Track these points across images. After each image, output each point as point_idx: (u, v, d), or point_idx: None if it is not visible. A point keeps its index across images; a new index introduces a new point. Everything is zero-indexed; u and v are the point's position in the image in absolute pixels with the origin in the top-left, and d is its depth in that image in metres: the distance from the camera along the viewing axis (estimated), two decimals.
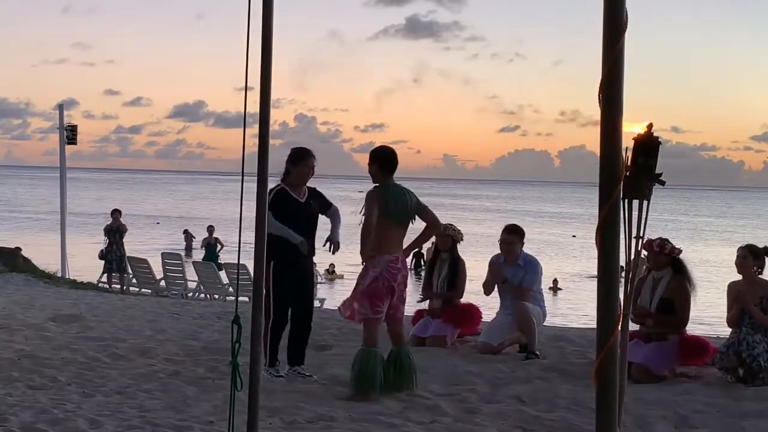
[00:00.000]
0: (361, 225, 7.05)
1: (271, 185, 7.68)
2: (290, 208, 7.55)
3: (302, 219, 7.63)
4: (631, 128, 3.41)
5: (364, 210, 7.07)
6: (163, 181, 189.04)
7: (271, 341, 7.54)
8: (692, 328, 8.33)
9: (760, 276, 7.74)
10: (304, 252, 7.54)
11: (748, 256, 7.71)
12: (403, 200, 7.10)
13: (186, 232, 40.54)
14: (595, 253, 2.58)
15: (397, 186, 7.15)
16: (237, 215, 4.16)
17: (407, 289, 7.29)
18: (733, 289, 7.82)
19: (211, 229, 29.01)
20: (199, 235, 34.42)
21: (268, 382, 6.98)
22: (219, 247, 27.49)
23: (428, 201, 7.60)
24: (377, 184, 7.14)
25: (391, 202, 7.03)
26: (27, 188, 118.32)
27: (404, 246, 7.27)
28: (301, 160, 7.66)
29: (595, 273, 2.60)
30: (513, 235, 9.16)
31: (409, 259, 7.49)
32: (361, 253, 7.14)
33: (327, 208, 7.88)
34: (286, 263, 7.50)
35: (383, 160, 7.16)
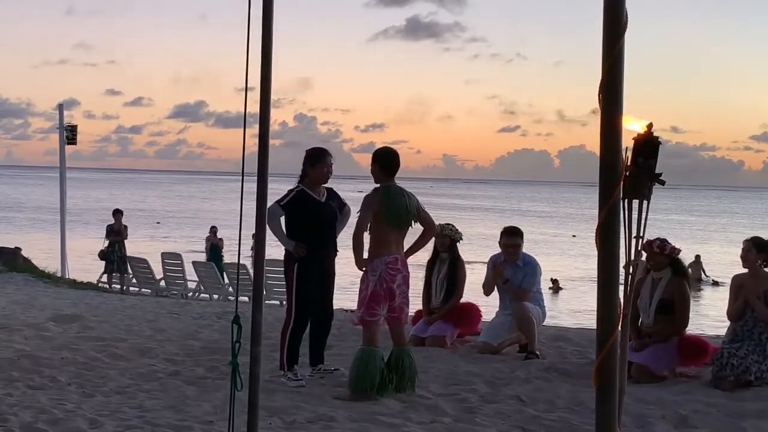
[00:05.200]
0: (353, 232, 7.05)
1: (286, 187, 7.72)
2: (311, 208, 7.54)
3: (323, 219, 7.61)
4: (631, 124, 3.41)
5: (359, 213, 7.08)
6: (163, 181, 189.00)
7: (290, 345, 7.50)
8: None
9: (764, 269, 7.70)
10: (301, 254, 7.51)
11: (752, 249, 7.65)
12: (403, 202, 7.07)
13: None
14: (595, 253, 2.58)
15: (397, 187, 7.12)
16: (236, 215, 4.17)
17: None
18: (737, 282, 7.79)
19: (214, 229, 28.89)
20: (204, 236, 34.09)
21: (269, 383, 6.98)
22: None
23: (428, 201, 7.60)
24: (377, 185, 7.14)
25: (391, 203, 7.01)
26: (27, 188, 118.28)
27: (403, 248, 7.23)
28: (319, 160, 7.64)
29: (595, 273, 2.60)
30: (515, 237, 9.15)
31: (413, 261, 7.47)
32: (356, 263, 7.13)
33: (341, 208, 7.87)
34: (311, 264, 7.50)
35: (384, 160, 7.14)
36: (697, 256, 34.25)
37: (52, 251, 26.43)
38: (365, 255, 7.15)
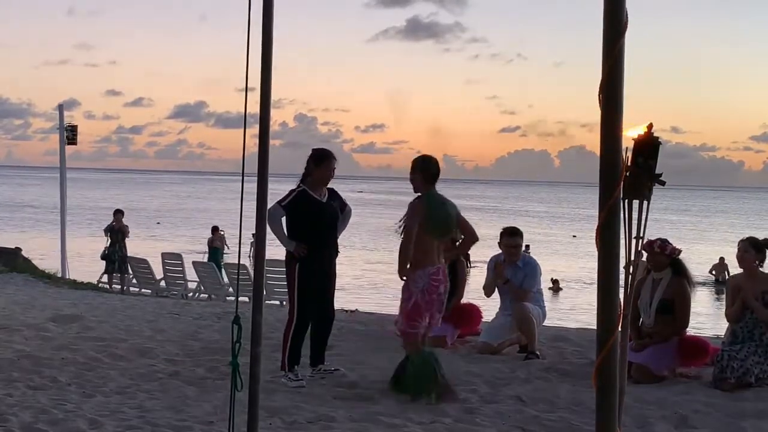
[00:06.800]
0: (401, 240, 6.90)
1: (286, 187, 7.71)
2: (313, 208, 7.52)
3: (325, 219, 7.60)
4: (633, 130, 3.41)
5: (404, 222, 6.92)
6: (164, 182, 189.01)
7: (293, 345, 7.48)
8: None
9: (761, 270, 7.66)
10: (302, 254, 7.50)
11: (750, 250, 7.59)
12: (445, 210, 6.98)
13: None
14: (595, 253, 2.58)
15: (439, 196, 7.02)
16: (235, 214, 4.17)
17: None
18: (734, 283, 7.77)
19: (214, 229, 28.89)
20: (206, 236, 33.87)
21: (269, 383, 6.98)
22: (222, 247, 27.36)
23: None
24: (419, 194, 7.01)
25: (434, 212, 6.90)
26: (27, 188, 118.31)
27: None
28: (323, 161, 7.62)
29: (595, 273, 2.60)
30: (516, 237, 9.15)
31: None
32: (399, 271, 6.98)
33: (342, 208, 7.85)
34: (312, 264, 7.49)
35: (425, 169, 7.01)
36: (721, 258, 34.13)
37: (52, 251, 26.44)
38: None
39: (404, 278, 6.98)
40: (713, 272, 34.31)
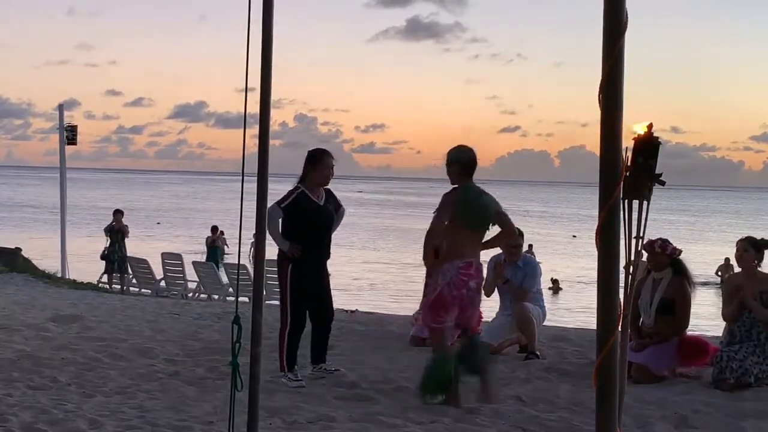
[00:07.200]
0: (427, 230, 6.73)
1: (286, 187, 7.71)
2: (309, 210, 7.52)
3: (322, 222, 7.60)
4: (632, 129, 3.41)
5: (434, 212, 6.78)
6: (164, 182, 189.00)
7: (289, 347, 7.49)
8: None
9: (759, 269, 7.65)
10: (296, 255, 7.49)
11: (749, 249, 7.56)
12: (482, 202, 6.82)
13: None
14: (595, 253, 2.58)
15: (476, 188, 6.86)
16: (235, 214, 4.17)
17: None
18: (733, 283, 7.76)
19: (215, 229, 28.89)
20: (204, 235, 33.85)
21: (269, 383, 6.98)
22: (223, 248, 27.37)
23: (429, 202, 7.58)
24: (455, 186, 6.85)
25: (468, 204, 6.74)
26: (27, 188, 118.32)
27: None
28: (320, 161, 7.60)
29: (595, 274, 2.60)
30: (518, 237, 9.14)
31: None
32: (424, 259, 6.86)
33: (337, 209, 7.85)
34: (306, 264, 7.48)
35: (458, 160, 6.83)
36: (727, 259, 33.94)
37: (52, 251, 26.43)
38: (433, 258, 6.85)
39: (427, 266, 6.85)
40: (719, 273, 34.17)
